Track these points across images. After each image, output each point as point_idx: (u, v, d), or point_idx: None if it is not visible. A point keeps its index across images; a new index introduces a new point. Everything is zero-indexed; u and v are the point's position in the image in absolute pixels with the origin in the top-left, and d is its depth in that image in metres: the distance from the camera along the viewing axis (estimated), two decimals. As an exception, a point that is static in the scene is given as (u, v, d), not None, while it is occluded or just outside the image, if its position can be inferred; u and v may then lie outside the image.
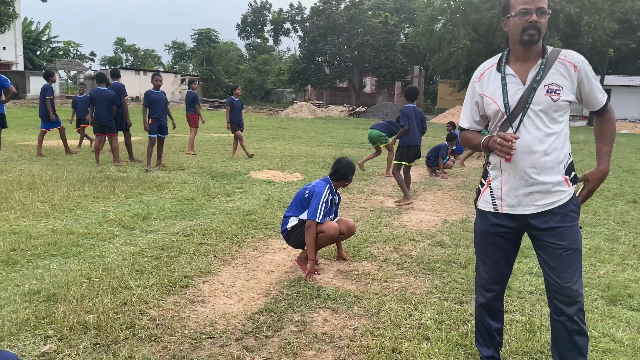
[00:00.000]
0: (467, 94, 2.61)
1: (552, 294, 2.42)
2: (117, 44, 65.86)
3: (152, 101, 9.45)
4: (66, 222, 5.57)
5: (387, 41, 44.77)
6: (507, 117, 2.40)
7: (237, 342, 3.10)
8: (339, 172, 4.44)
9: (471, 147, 2.67)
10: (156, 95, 9.48)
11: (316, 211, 4.18)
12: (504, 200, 2.45)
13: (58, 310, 3.33)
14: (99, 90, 9.76)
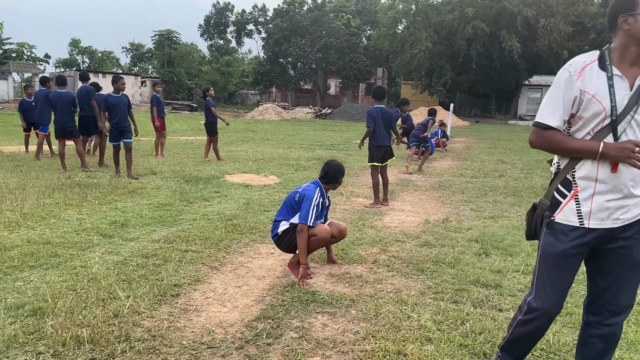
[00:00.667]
0: (558, 88, 2.20)
1: (603, 304, 2.31)
2: (72, 46, 63.86)
3: (110, 106, 8.74)
4: (40, 231, 5.34)
5: (350, 43, 45.08)
6: (612, 121, 2.14)
7: (239, 351, 3.03)
8: (329, 175, 4.42)
9: (559, 152, 2.25)
10: (115, 99, 8.73)
11: (308, 215, 4.14)
12: (593, 214, 2.19)
13: (47, 325, 3.18)
14: (58, 94, 9.39)
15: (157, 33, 56.05)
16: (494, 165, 12.11)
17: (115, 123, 8.72)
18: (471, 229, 5.92)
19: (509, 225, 6.14)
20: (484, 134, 24.27)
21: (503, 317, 3.51)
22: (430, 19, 38.19)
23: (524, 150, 16.36)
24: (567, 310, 3.66)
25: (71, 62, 61.71)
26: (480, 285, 4.13)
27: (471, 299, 3.83)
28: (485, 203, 7.54)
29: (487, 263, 4.69)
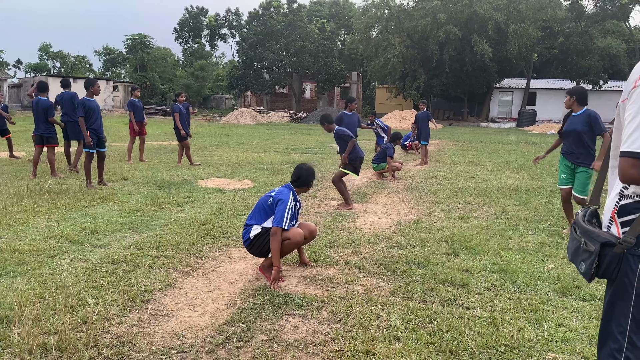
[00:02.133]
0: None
1: None
2: (43, 50, 62.60)
3: (89, 110, 8.15)
4: (8, 239, 5.24)
5: (325, 47, 45.24)
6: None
7: (208, 355, 3.04)
8: (301, 178, 4.46)
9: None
10: (93, 104, 8.25)
11: (282, 218, 4.17)
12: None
13: (13, 333, 3.13)
14: (38, 100, 9.29)
15: (130, 37, 55.39)
16: (465, 167, 12.32)
17: (94, 129, 8.25)
18: (441, 230, 6.03)
19: (478, 225, 6.27)
20: (457, 137, 24.64)
21: (469, 315, 3.59)
22: (403, 24, 38.60)
23: (495, 151, 16.68)
24: (532, 307, 3.77)
25: (41, 67, 60.51)
26: (449, 284, 4.22)
27: (439, 298, 3.91)
28: (455, 204, 7.68)
29: (456, 262, 4.79)
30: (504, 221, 6.52)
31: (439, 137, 24.40)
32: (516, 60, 37.72)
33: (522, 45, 34.88)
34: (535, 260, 4.88)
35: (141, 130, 11.98)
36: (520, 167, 12.19)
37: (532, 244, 5.45)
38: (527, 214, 6.97)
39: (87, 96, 8.25)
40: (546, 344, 3.20)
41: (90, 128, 8.20)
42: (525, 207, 7.46)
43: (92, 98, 8.28)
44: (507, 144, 20.25)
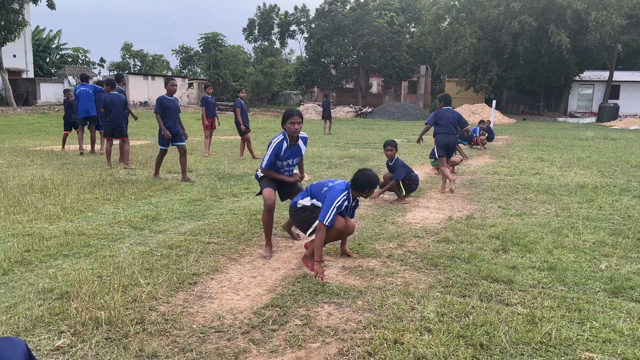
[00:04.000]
0: None
1: None
2: (125, 50, 66.42)
3: (165, 108, 8.50)
4: (77, 223, 5.70)
5: (393, 41, 44.78)
6: None
7: (244, 336, 3.19)
8: (356, 182, 4.43)
9: None
10: (169, 102, 8.54)
11: (326, 214, 4.25)
12: None
13: (71, 307, 3.44)
14: (112, 95, 9.98)
15: (204, 36, 57.53)
16: (532, 163, 11.83)
17: (167, 127, 8.53)
18: (494, 226, 5.87)
19: (535, 223, 6.05)
20: (529, 132, 23.62)
21: (508, 311, 3.52)
22: (474, 14, 37.45)
23: (568, 147, 15.86)
24: (577, 306, 3.63)
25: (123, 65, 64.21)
26: (492, 280, 4.14)
27: (479, 293, 3.85)
28: (514, 200, 7.43)
29: (504, 259, 4.67)
30: (563, 219, 6.25)
31: (509, 132, 23.54)
32: (598, 51, 35.52)
33: (605, 34, 32.75)
34: (589, 260, 4.66)
35: (211, 125, 12.52)
36: (592, 164, 11.53)
37: (589, 242, 5.19)
38: (590, 212, 6.62)
39: (166, 95, 8.59)
40: (585, 344, 3.08)
41: (165, 125, 8.51)
42: (589, 204, 7.09)
43: (169, 97, 8.57)
44: (582, 139, 19.18)
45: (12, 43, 33.17)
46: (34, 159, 11.00)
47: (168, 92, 8.57)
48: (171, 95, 8.61)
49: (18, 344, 1.70)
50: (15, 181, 8.02)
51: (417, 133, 21.56)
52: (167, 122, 8.55)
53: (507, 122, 31.37)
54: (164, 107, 8.50)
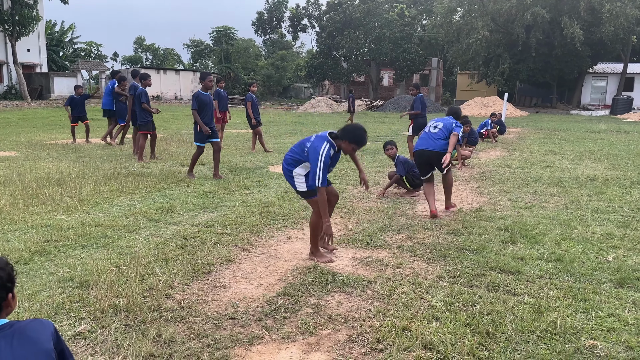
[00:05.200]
0: None
1: None
2: (137, 44, 66.84)
3: (202, 104, 8.19)
4: (94, 215, 5.85)
5: (404, 34, 44.56)
6: None
7: (257, 323, 3.30)
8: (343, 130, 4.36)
9: None
10: (206, 98, 8.30)
11: (315, 176, 4.17)
12: None
13: (90, 295, 3.58)
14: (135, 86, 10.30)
15: (215, 29, 57.71)
16: (543, 155, 11.81)
17: (205, 123, 8.22)
18: (503, 218, 5.93)
19: (544, 215, 6.09)
20: (541, 124, 23.47)
21: (514, 301, 3.59)
22: (486, 6, 37.12)
23: (580, 140, 15.77)
24: (584, 296, 3.69)
25: (136, 59, 64.64)
26: (499, 271, 4.21)
27: (486, 283, 3.92)
28: (524, 193, 7.46)
29: (512, 250, 4.74)
30: (572, 211, 6.28)
31: (521, 124, 23.40)
32: (612, 43, 35.02)
33: (619, 26, 32.28)
34: (597, 251, 4.70)
35: (223, 119, 12.62)
36: (603, 157, 11.48)
37: (597, 234, 5.23)
38: (600, 204, 6.64)
39: (201, 90, 8.38)
40: (590, 332, 3.15)
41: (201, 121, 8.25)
42: (599, 197, 7.10)
43: (205, 92, 8.36)
44: (594, 132, 19.03)
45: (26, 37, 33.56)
46: (49, 152, 11.20)
47: (204, 88, 8.32)
48: (207, 90, 8.37)
49: (47, 325, 1.81)
50: (32, 174, 8.21)
51: (428, 126, 21.54)
52: (204, 119, 8.25)
53: (519, 115, 31.14)
54: (201, 102, 8.22)
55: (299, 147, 4.42)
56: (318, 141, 4.28)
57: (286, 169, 4.48)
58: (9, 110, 26.58)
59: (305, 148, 4.34)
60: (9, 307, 1.74)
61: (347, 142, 4.30)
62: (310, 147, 4.27)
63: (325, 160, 4.18)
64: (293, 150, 4.48)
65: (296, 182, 4.42)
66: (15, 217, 5.64)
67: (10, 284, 1.72)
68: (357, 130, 4.35)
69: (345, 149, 4.34)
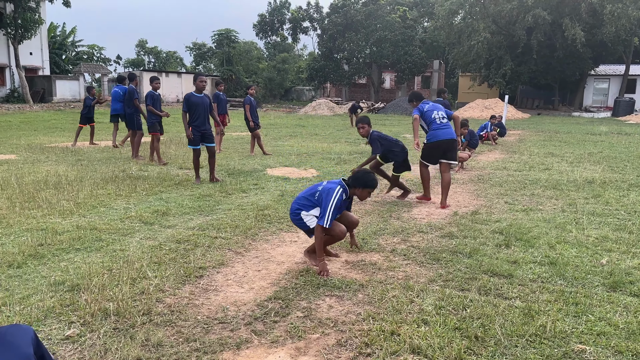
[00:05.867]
0: None
1: None
2: (139, 46, 66.99)
3: (192, 106, 8.02)
4: (90, 218, 5.86)
5: (405, 36, 44.63)
6: None
7: (247, 327, 3.30)
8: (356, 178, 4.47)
9: None
10: (197, 99, 8.05)
11: (324, 217, 4.25)
12: None
13: (81, 299, 3.59)
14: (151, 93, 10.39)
15: (217, 32, 57.77)
16: (542, 158, 11.79)
17: (196, 126, 8.11)
18: (499, 222, 5.92)
19: (540, 218, 6.07)
20: (543, 127, 23.43)
21: (505, 305, 3.58)
22: (487, 9, 37.13)
23: (580, 142, 15.74)
24: (575, 300, 3.68)
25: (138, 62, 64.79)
26: (492, 275, 4.20)
27: (478, 287, 3.91)
28: (521, 196, 7.45)
29: (506, 254, 4.73)
30: (568, 214, 6.26)
31: (522, 127, 23.38)
32: (613, 45, 34.98)
33: (621, 28, 32.23)
34: (591, 255, 4.69)
35: (222, 122, 12.62)
36: (603, 159, 11.46)
37: (592, 237, 5.22)
38: (596, 207, 6.63)
39: (194, 92, 8.15)
40: (580, 336, 3.14)
41: (193, 124, 8.10)
42: (596, 200, 7.08)
43: (199, 94, 8.11)
44: (595, 134, 19.00)
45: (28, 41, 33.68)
46: (49, 155, 11.24)
47: (197, 89, 8.09)
48: (200, 92, 8.12)
49: (26, 330, 1.82)
50: (30, 177, 8.23)
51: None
52: (196, 121, 8.08)
53: (520, 117, 31.10)
54: (191, 104, 8.03)
55: (309, 193, 4.51)
56: (331, 184, 4.45)
57: (294, 213, 4.52)
58: (11, 113, 26.69)
59: (316, 192, 4.44)
60: None
61: (361, 189, 4.46)
62: (323, 190, 4.40)
63: (337, 203, 4.30)
64: (300, 198, 4.53)
65: (307, 222, 4.42)
66: (11, 220, 5.66)
67: None
68: (366, 175, 4.50)
69: (360, 195, 4.49)
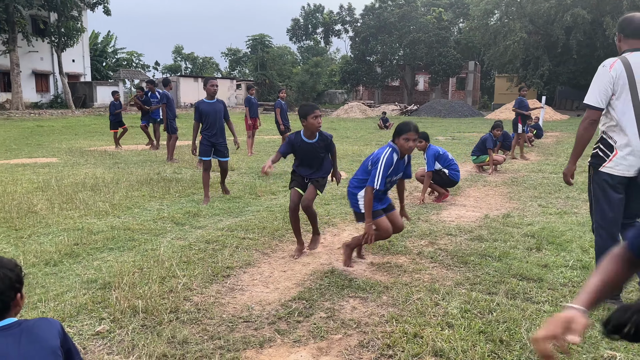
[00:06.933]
0: None
1: None
2: (176, 52, 68.56)
3: (203, 114, 7.05)
4: (124, 219, 6.04)
5: (440, 37, 44.12)
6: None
7: (270, 326, 3.34)
8: (396, 130, 4.31)
9: None
10: (208, 107, 7.05)
11: (375, 178, 4.17)
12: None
13: (112, 296, 3.70)
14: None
15: (251, 37, 58.62)
16: (580, 160, 11.40)
17: (207, 136, 7.14)
18: (531, 225, 5.79)
19: (574, 222, 5.91)
20: (581, 128, 22.71)
21: (533, 309, 3.50)
22: (524, 8, 36.38)
23: (621, 144, 15.19)
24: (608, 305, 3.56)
25: (175, 68, 66.32)
26: (521, 278, 4.11)
27: (506, 291, 3.84)
28: (556, 199, 7.26)
29: (536, 257, 4.62)
30: (605, 217, 6.06)
31: (561, 128, 22.77)
32: (658, 43, 33.65)
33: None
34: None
35: (253, 125, 12.84)
36: None
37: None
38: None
39: (205, 98, 7.20)
40: (610, 343, 3.04)
41: (204, 133, 7.18)
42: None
43: (210, 100, 7.12)
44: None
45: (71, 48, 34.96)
46: (88, 158, 11.63)
47: (208, 95, 7.11)
48: (212, 97, 7.11)
49: (53, 323, 1.90)
50: (69, 179, 8.54)
51: (463, 130, 21.22)
52: (207, 129, 7.11)
53: (559, 119, 30.28)
54: (201, 113, 7.06)
55: (362, 168, 4.47)
56: (380, 149, 4.34)
57: (351, 193, 4.47)
58: (54, 118, 27.73)
59: (368, 164, 4.36)
60: (18, 306, 1.83)
61: (399, 138, 4.23)
62: (373, 156, 4.31)
63: (387, 162, 4.17)
64: (356, 174, 4.52)
65: (360, 204, 4.36)
66: (49, 220, 5.89)
67: (19, 285, 1.81)
68: (401, 125, 4.33)
69: (403, 145, 4.23)
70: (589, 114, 3.50)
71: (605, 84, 3.39)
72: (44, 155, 12.16)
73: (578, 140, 3.63)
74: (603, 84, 3.41)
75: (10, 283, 1.78)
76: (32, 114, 29.39)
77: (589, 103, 3.46)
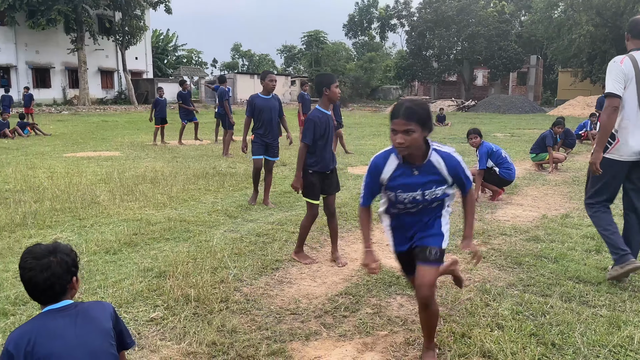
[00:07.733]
0: None
1: None
2: (234, 50, 70.08)
3: (256, 109, 6.56)
4: (180, 211, 6.26)
5: (500, 31, 42.71)
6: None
7: (317, 319, 3.38)
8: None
9: None
10: (263, 102, 6.56)
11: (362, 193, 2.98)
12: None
13: (166, 285, 3.86)
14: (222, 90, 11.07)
15: (306, 34, 58.96)
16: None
17: (260, 134, 6.67)
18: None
19: None
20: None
21: (589, 313, 3.36)
22: (591, 0, 34.57)
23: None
24: (672, 313, 3.36)
25: (233, 65, 67.83)
26: (578, 281, 3.95)
27: (561, 293, 3.70)
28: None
29: (595, 260, 4.43)
30: (674, 220, 5.70)
31: (628, 126, 21.53)
32: None
33: None
34: None
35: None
36: None
37: None
38: None
39: (261, 93, 6.71)
40: None
41: (256, 132, 6.71)
42: None
43: (265, 95, 6.63)
44: None
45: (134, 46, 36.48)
46: (148, 152, 12.11)
47: (264, 90, 6.61)
48: (269, 93, 6.62)
49: (106, 306, 2.01)
50: (130, 172, 8.93)
51: (524, 127, 20.48)
52: (260, 128, 6.64)
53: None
54: (255, 107, 6.57)
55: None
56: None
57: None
58: (118, 114, 29.05)
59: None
60: (74, 289, 1.95)
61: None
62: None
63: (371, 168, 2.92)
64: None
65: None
66: (111, 211, 6.19)
67: (74, 269, 1.93)
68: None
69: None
70: (610, 102, 3.78)
71: (620, 74, 3.77)
72: (107, 149, 12.78)
73: (603, 128, 3.84)
74: (618, 75, 3.77)
75: (67, 267, 1.89)
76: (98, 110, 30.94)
77: (611, 91, 3.76)
